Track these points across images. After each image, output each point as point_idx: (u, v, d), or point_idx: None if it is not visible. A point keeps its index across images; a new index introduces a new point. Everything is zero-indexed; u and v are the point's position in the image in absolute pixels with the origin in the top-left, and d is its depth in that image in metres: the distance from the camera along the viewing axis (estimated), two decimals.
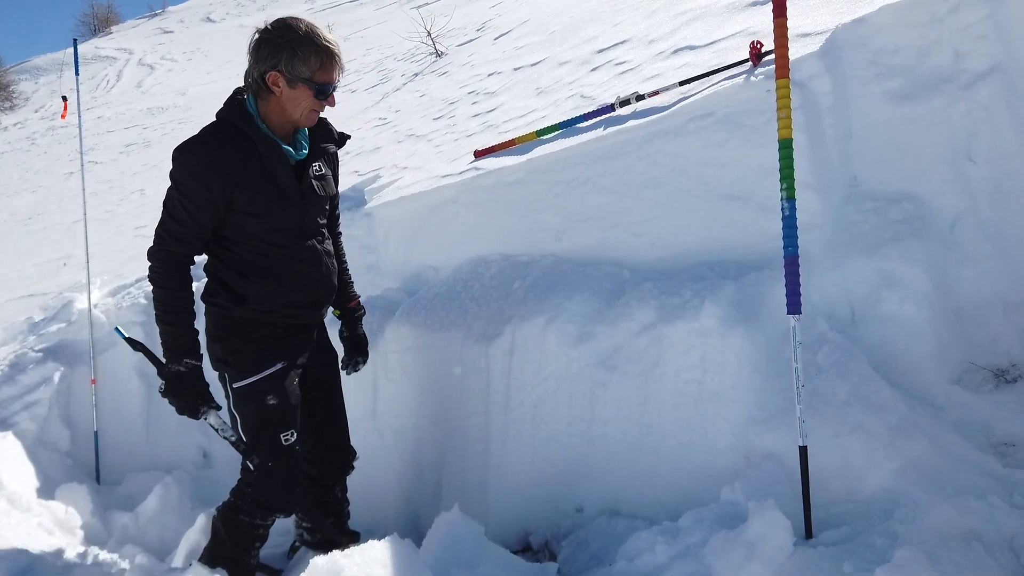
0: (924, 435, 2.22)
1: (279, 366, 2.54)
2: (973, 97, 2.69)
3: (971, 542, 1.91)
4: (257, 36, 2.34)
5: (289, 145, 2.47)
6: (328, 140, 2.63)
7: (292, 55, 2.29)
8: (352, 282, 2.93)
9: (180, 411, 2.50)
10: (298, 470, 2.61)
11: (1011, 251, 2.68)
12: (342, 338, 2.93)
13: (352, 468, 2.92)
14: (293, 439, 2.55)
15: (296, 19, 2.36)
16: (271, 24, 2.35)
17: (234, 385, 2.52)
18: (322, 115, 2.52)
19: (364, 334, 2.96)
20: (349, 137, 2.76)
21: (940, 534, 1.91)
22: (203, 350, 2.53)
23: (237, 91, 2.47)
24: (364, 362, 2.96)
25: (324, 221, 2.64)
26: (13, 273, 6.97)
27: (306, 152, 2.51)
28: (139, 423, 4.24)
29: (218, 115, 2.43)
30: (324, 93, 2.38)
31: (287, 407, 2.55)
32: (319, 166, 2.56)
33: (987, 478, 2.16)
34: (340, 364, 2.91)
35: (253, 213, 2.41)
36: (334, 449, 2.85)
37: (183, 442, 4.20)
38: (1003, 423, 2.38)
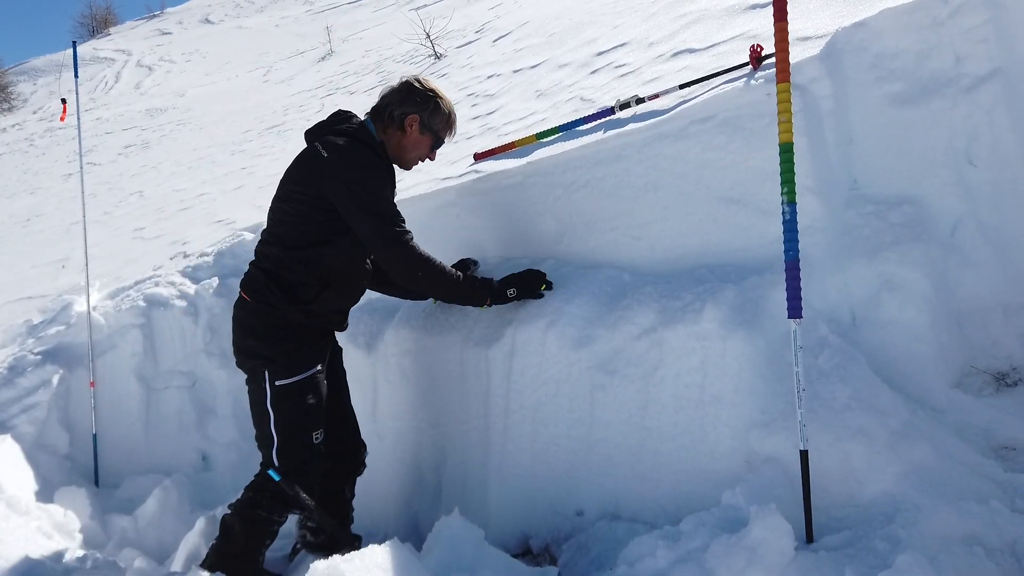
0: (925, 439, 2.22)
1: (318, 367, 2.71)
2: (974, 100, 2.69)
3: (973, 547, 1.91)
4: (409, 84, 2.81)
5: None
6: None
7: (436, 108, 2.80)
8: None
9: (537, 289, 2.89)
10: (321, 468, 2.74)
11: (1012, 254, 2.68)
12: None
13: (364, 466, 3.01)
14: (321, 438, 2.71)
15: (437, 84, 2.89)
16: (424, 80, 2.86)
17: (277, 382, 2.63)
18: None
19: None
20: None
21: (942, 539, 1.91)
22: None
23: (343, 113, 2.83)
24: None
25: None
26: (11, 275, 6.96)
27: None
28: (138, 426, 4.23)
29: (352, 135, 2.73)
30: (439, 145, 2.90)
31: (320, 407, 2.72)
32: None
33: (988, 482, 2.16)
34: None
35: None
36: (348, 446, 2.97)
37: (182, 445, 4.20)
38: (1004, 427, 2.37)
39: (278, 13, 27.77)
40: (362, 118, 2.84)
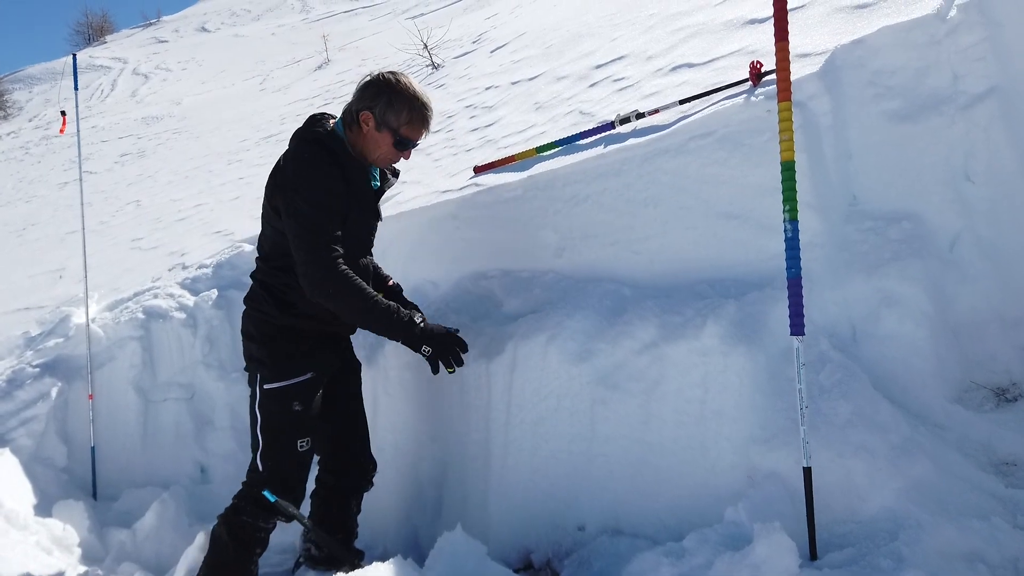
0: (926, 455, 2.23)
1: (309, 375, 2.69)
2: (971, 118, 2.72)
3: (975, 563, 1.91)
4: (368, 78, 2.67)
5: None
6: (390, 174, 2.88)
7: (389, 104, 2.60)
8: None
9: (453, 360, 2.64)
10: (306, 476, 2.72)
11: (1009, 270, 2.70)
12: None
13: (371, 483, 3.00)
14: (308, 447, 2.69)
15: (404, 76, 2.67)
16: (383, 72, 2.67)
17: (265, 386, 2.66)
18: None
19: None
20: (399, 173, 2.96)
21: (944, 555, 1.92)
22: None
23: (316, 117, 2.71)
24: None
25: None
26: (7, 285, 6.93)
27: (378, 183, 2.79)
28: (136, 439, 4.21)
29: (311, 139, 2.61)
30: (403, 146, 2.67)
31: (308, 415, 2.69)
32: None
33: (990, 498, 2.17)
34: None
35: (345, 231, 2.61)
36: (356, 462, 2.95)
37: (180, 457, 4.17)
38: (1004, 442, 2.39)
39: (275, 21, 27.82)
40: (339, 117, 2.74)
